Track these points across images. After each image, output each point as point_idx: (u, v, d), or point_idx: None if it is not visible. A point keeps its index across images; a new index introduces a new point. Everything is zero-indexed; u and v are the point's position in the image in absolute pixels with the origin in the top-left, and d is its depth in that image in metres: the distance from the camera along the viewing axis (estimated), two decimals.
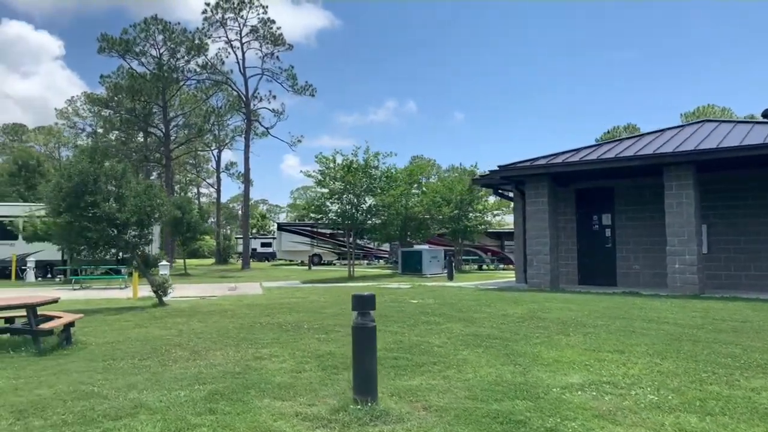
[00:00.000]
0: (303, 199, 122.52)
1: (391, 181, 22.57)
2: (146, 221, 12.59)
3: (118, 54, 40.27)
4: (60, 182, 11.69)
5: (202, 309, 12.51)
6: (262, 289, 19.34)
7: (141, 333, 9.19)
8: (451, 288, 16.66)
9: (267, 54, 40.63)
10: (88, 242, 12.00)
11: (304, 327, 9.40)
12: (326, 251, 44.48)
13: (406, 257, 23.51)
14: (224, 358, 7.11)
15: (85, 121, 65.25)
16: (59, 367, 6.68)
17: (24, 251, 26.04)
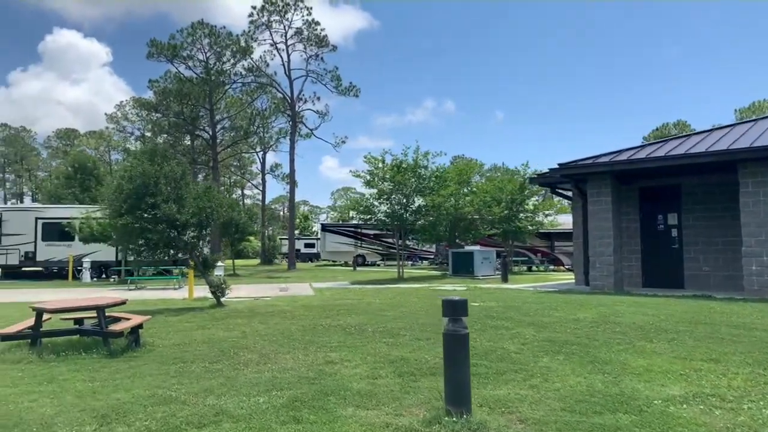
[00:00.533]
0: (344, 200, 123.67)
1: (440, 181, 22.20)
2: (205, 223, 12.59)
3: (166, 59, 41.07)
4: (121, 184, 11.80)
5: (259, 310, 12.44)
6: (312, 290, 19.25)
7: (205, 335, 9.11)
8: (509, 290, 16.20)
9: (311, 56, 40.88)
10: (149, 243, 12.08)
11: (369, 330, 9.16)
12: (370, 252, 44.37)
13: (457, 258, 23.08)
14: (294, 362, 6.93)
15: (134, 125, 67.16)
16: (132, 370, 6.60)
17: (80, 252, 26.73)
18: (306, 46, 41.07)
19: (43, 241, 27.52)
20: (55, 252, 27.53)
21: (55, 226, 27.65)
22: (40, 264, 27.95)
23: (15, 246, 27.46)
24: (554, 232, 31.92)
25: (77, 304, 7.57)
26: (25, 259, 27.62)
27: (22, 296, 17.40)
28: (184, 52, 41.42)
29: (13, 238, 27.42)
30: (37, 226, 27.51)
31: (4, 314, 12.38)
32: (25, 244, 27.48)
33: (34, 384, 6.05)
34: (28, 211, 28.91)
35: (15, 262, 27.66)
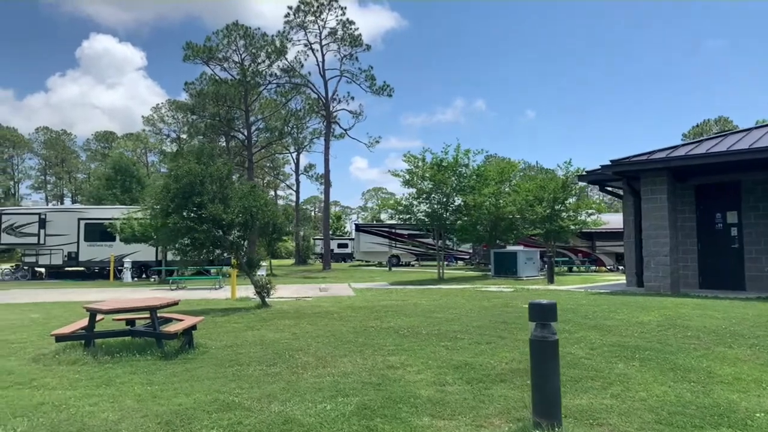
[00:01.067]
0: (375, 201, 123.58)
1: (481, 180, 21.71)
2: (250, 223, 12.44)
3: (202, 61, 41.41)
4: (168, 183, 11.73)
5: (305, 311, 12.24)
6: (352, 290, 19.03)
7: (256, 336, 8.92)
8: (559, 292, 15.68)
9: (345, 55, 40.77)
10: (194, 243, 11.99)
11: (423, 333, 8.84)
12: (404, 252, 44.05)
13: (500, 259, 22.56)
14: (353, 365, 6.65)
15: (170, 127, 68.25)
16: (189, 373, 6.41)
17: (121, 252, 27.07)
18: (340, 45, 41.01)
19: (86, 242, 27.96)
20: (97, 252, 27.95)
21: (96, 227, 28.06)
22: (83, 264, 28.41)
23: (59, 246, 27.96)
24: (595, 231, 31.08)
25: (130, 305, 7.44)
26: (68, 259, 28.10)
27: (68, 296, 17.61)
28: (220, 54, 41.70)
29: (57, 238, 27.92)
30: (79, 226, 27.97)
31: (55, 314, 12.46)
32: (69, 244, 27.96)
33: (92, 386, 5.91)
34: (71, 212, 29.44)
35: (59, 262, 28.17)
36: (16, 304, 14.95)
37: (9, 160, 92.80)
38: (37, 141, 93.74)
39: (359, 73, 40.84)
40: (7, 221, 27.66)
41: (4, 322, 11.30)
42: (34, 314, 12.56)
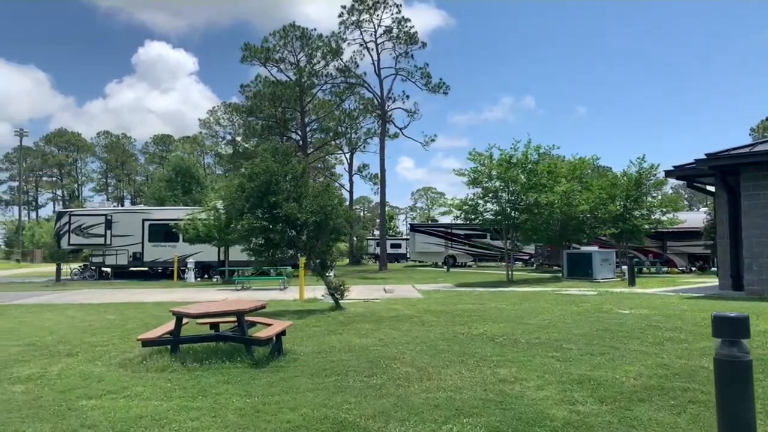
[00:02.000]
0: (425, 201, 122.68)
1: (553, 177, 20.72)
2: (324, 222, 12.02)
3: (259, 62, 41.75)
4: (243, 182, 11.43)
5: (381, 313, 11.72)
6: (418, 292, 18.47)
7: (342, 341, 8.43)
8: (649, 295, 14.66)
9: (401, 54, 40.23)
10: (269, 243, 11.65)
11: (521, 341, 8.15)
12: (461, 253, 43.13)
13: (573, 260, 21.51)
14: (461, 378, 6.05)
15: (225, 129, 69.45)
16: (286, 384, 5.96)
17: (184, 253, 27.31)
18: (395, 44, 40.50)
19: (150, 242, 28.37)
20: (161, 252, 28.30)
21: (160, 228, 28.44)
22: (147, 264, 28.85)
23: (124, 247, 28.47)
24: (666, 231, 29.45)
25: (218, 308, 7.06)
26: (133, 259, 28.59)
27: (138, 296, 17.70)
28: (276, 55, 41.94)
29: (122, 239, 28.44)
30: (144, 227, 28.41)
31: (130, 315, 12.37)
32: (133, 245, 28.42)
33: (187, 397, 5.51)
34: (135, 213, 29.96)
35: (124, 262, 28.69)
36: (90, 305, 15.04)
37: (73, 163, 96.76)
38: (98, 145, 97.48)
39: (414, 70, 40.29)
40: (75, 222, 28.38)
41: (83, 323, 11.24)
42: (109, 315, 12.51)
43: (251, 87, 45.93)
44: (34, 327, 10.73)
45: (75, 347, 8.38)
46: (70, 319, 12.00)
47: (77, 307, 14.59)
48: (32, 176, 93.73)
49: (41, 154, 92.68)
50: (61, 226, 29.07)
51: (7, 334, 9.91)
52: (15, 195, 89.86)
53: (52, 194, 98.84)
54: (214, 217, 23.67)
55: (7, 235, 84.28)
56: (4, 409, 5.23)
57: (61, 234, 28.95)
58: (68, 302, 15.89)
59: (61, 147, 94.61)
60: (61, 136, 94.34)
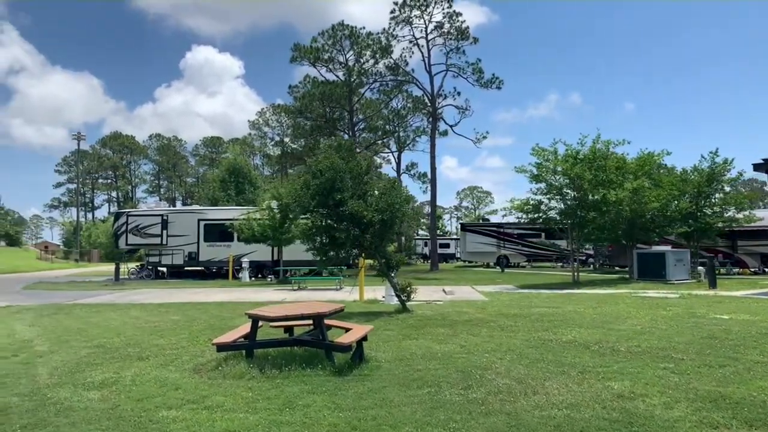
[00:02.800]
0: (470, 200, 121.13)
1: (622, 173, 19.59)
2: (389, 221, 11.50)
3: (308, 62, 41.71)
4: (307, 179, 11.02)
5: (451, 316, 11.12)
6: (480, 293, 17.78)
7: (420, 347, 7.88)
8: (737, 298, 13.60)
9: (452, 49, 39.43)
10: (334, 242, 11.21)
11: (621, 350, 7.42)
12: (514, 253, 41.97)
13: (645, 260, 20.34)
14: (571, 393, 5.41)
15: (274, 130, 70.07)
16: (376, 395, 5.45)
17: (239, 252, 27.33)
18: (446, 39, 39.71)
19: (205, 242, 28.52)
20: (216, 252, 28.41)
21: (215, 228, 28.56)
22: (202, 264, 29.00)
23: (179, 247, 28.72)
24: (737, 230, 27.72)
25: (296, 311, 6.61)
26: (188, 259, 28.79)
27: (197, 296, 17.62)
28: (325, 55, 41.78)
29: (178, 239, 28.69)
30: (199, 227, 28.59)
31: (194, 316, 12.15)
32: (189, 244, 28.63)
33: (273, 410, 5.06)
34: (191, 213, 30.18)
35: (180, 262, 28.93)
36: (152, 305, 14.97)
37: (127, 165, 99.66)
38: (151, 147, 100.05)
39: (466, 66, 39.38)
40: (133, 222, 28.80)
41: (148, 324, 11.06)
42: (173, 316, 12.32)
43: (299, 88, 46.05)
44: (100, 328, 10.59)
45: (144, 350, 8.11)
46: (134, 319, 11.86)
47: (139, 307, 14.53)
48: (89, 178, 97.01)
49: (97, 156, 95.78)
50: (119, 226, 29.57)
51: (76, 334, 9.78)
52: (73, 197, 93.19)
53: (107, 196, 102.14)
54: (269, 216, 23.54)
55: (65, 235, 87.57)
56: (83, 419, 4.90)
57: (119, 234, 29.44)
58: (130, 302, 15.90)
59: (116, 150, 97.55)
60: (115, 139, 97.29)
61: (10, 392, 5.88)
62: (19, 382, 6.35)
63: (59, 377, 6.53)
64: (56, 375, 6.65)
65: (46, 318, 12.28)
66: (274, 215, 23.55)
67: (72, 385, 6.17)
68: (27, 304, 15.40)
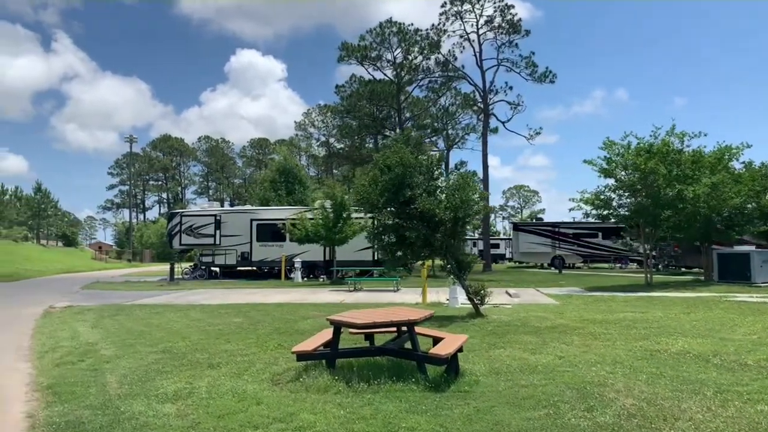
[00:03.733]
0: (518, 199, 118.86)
1: (698, 168, 18.23)
2: (461, 219, 10.76)
3: (356, 60, 41.31)
4: (376, 175, 10.39)
5: (531, 322, 10.30)
6: (546, 296, 16.84)
7: (513, 358, 7.12)
8: None
9: (504, 43, 38.28)
10: (403, 242, 10.53)
11: (747, 363, 6.52)
12: (570, 253, 40.46)
13: (726, 261, 18.92)
14: (717, 418, 4.61)
15: (320, 131, 70.27)
16: (487, 418, 4.74)
17: (291, 252, 27.02)
18: (497, 34, 38.61)
19: (258, 242, 28.32)
20: (268, 252, 28.18)
21: (268, 227, 28.34)
22: (255, 264, 28.82)
23: (232, 247, 28.63)
24: None
25: (383, 317, 5.96)
26: (241, 259, 28.67)
27: (253, 297, 17.26)
28: (373, 53, 41.30)
29: (231, 239, 28.61)
30: (251, 227, 28.41)
31: (257, 318, 11.69)
32: (242, 244, 28.51)
33: None
34: (243, 213, 30.03)
35: (232, 262, 28.86)
36: (210, 306, 14.65)
37: (177, 167, 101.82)
38: (199, 149, 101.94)
39: (519, 60, 38.17)
40: (186, 222, 28.87)
41: (211, 327, 10.64)
42: (235, 318, 11.89)
43: (346, 87, 45.72)
44: (163, 330, 10.22)
45: (213, 356, 7.62)
46: (196, 321, 11.48)
47: (198, 308, 14.22)
48: (140, 180, 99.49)
49: (148, 159, 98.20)
50: (173, 227, 29.73)
51: (140, 337, 9.42)
52: (125, 198, 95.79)
53: (158, 197, 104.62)
54: (322, 216, 23.11)
55: (117, 236, 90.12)
56: None
57: (173, 234, 29.60)
58: (188, 303, 15.64)
59: (166, 152, 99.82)
60: (165, 142, 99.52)
61: (81, 404, 5.43)
62: (89, 391, 5.92)
63: (130, 386, 6.07)
64: (126, 384, 6.20)
65: (107, 319, 12.05)
66: (327, 215, 23.10)
67: (144, 396, 5.69)
68: (87, 305, 15.33)
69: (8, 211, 60.43)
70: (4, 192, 61.38)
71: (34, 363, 7.75)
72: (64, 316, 12.74)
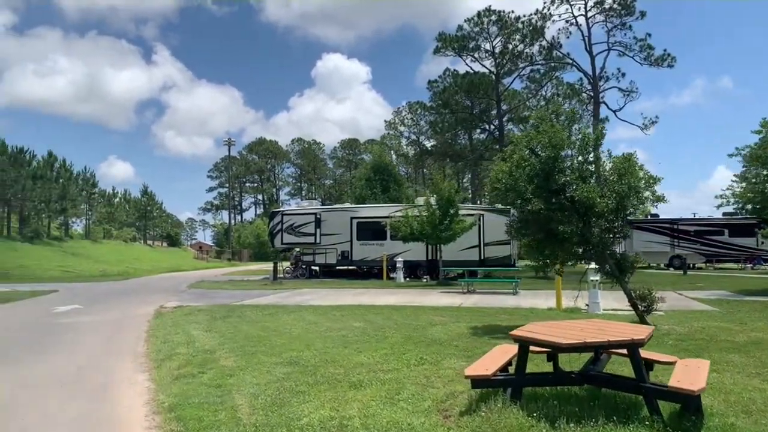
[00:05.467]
0: None
1: None
2: (622, 210, 8.97)
3: (453, 51, 39.67)
4: (522, 157, 8.81)
5: (720, 335, 8.38)
6: (692, 300, 14.57)
7: (744, 388, 5.38)
8: None
9: (616, 26, 35.26)
10: (554, 237, 8.89)
11: None
12: (691, 252, 36.62)
13: None
14: None
15: (410, 129, 69.04)
16: None
17: (392, 251, 25.88)
18: (607, 16, 35.64)
19: (358, 241, 27.42)
20: (369, 251, 27.19)
21: (368, 226, 27.38)
22: (355, 263, 27.93)
23: (332, 245, 27.90)
24: None
25: (595, 336, 4.42)
26: (341, 258, 27.89)
27: (360, 298, 16.19)
28: (471, 43, 39.51)
29: (331, 237, 27.88)
30: (352, 225, 27.55)
31: (378, 323, 10.45)
32: (342, 243, 27.70)
33: None
34: (343, 211, 29.22)
35: (333, 261, 28.11)
36: (321, 307, 13.67)
37: (271, 169, 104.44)
38: (292, 151, 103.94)
39: (633, 43, 35.01)
40: (288, 221, 28.45)
41: (332, 332, 9.52)
42: (354, 322, 10.74)
43: (439, 82, 44.24)
44: (282, 336, 9.20)
45: (350, 371, 6.41)
46: (313, 325, 10.43)
47: (311, 310, 13.26)
48: (237, 182, 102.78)
49: (244, 162, 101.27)
50: (274, 225, 29.44)
51: (259, 344, 8.42)
52: (224, 200, 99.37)
53: (254, 198, 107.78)
54: (428, 213, 21.73)
55: (216, 236, 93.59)
56: None
57: (275, 233, 29.31)
58: (297, 304, 14.78)
59: (261, 154, 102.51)
60: (260, 145, 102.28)
61: None
62: (218, 419, 4.83)
63: (264, 413, 4.93)
64: (259, 408, 5.07)
65: (219, 321, 11.28)
66: (433, 211, 21.69)
67: (286, 428, 4.51)
68: (197, 305, 14.82)
69: (118, 213, 63.90)
70: (114, 195, 65.00)
71: (151, 373, 6.89)
72: (176, 318, 12.14)
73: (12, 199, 42.15)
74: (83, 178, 54.79)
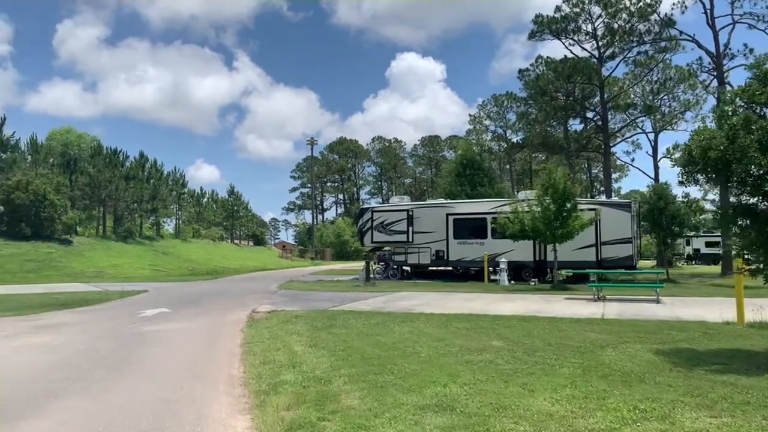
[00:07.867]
0: None
1: None
2: None
3: (552, 34, 36.58)
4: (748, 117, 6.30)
5: None
6: None
7: None
8: None
9: None
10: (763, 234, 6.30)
11: None
12: None
13: None
14: None
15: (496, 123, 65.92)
16: None
17: (493, 251, 23.42)
18: None
19: (455, 239, 25.10)
20: (467, 251, 24.79)
21: (466, 223, 25.01)
22: (452, 263, 25.61)
23: (426, 244, 25.75)
24: None
25: None
26: (435, 257, 25.68)
27: (473, 304, 13.97)
28: (571, 25, 36.26)
29: (425, 236, 25.74)
30: (447, 222, 25.28)
31: (521, 342, 8.18)
32: (437, 242, 25.48)
33: None
34: (438, 207, 26.95)
35: (426, 261, 25.93)
36: (434, 316, 11.58)
37: (352, 168, 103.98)
38: (373, 150, 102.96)
39: (766, 13, 30.57)
40: (378, 219, 26.55)
41: (474, 356, 7.38)
42: (491, 340, 8.56)
43: (531, 70, 41.16)
44: (409, 358, 7.17)
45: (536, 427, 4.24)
46: (439, 342, 8.35)
47: (422, 319, 11.20)
48: (318, 182, 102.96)
49: (326, 162, 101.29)
50: (364, 223, 27.64)
51: (383, 370, 6.42)
52: (306, 200, 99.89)
53: (335, 198, 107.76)
54: (542, 207, 19.12)
55: (298, 236, 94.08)
56: None
57: (364, 231, 27.51)
58: (402, 311, 12.80)
59: (341, 154, 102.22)
60: (341, 144, 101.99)
61: None
62: None
63: None
64: None
65: (323, 333, 9.45)
66: (547, 206, 19.06)
67: None
68: (291, 309, 13.18)
69: (207, 212, 64.93)
70: (202, 195, 66.10)
71: (254, 415, 5.03)
72: (272, 327, 10.43)
73: (107, 199, 43.05)
74: (173, 179, 55.73)
